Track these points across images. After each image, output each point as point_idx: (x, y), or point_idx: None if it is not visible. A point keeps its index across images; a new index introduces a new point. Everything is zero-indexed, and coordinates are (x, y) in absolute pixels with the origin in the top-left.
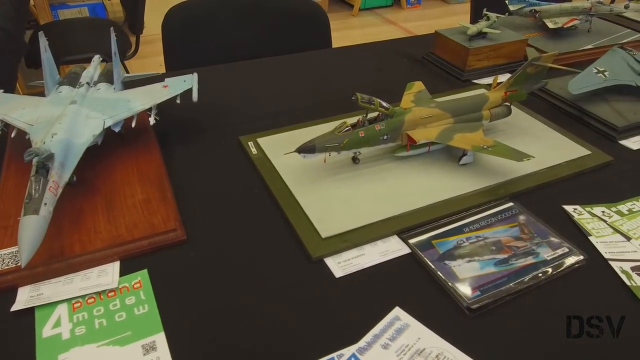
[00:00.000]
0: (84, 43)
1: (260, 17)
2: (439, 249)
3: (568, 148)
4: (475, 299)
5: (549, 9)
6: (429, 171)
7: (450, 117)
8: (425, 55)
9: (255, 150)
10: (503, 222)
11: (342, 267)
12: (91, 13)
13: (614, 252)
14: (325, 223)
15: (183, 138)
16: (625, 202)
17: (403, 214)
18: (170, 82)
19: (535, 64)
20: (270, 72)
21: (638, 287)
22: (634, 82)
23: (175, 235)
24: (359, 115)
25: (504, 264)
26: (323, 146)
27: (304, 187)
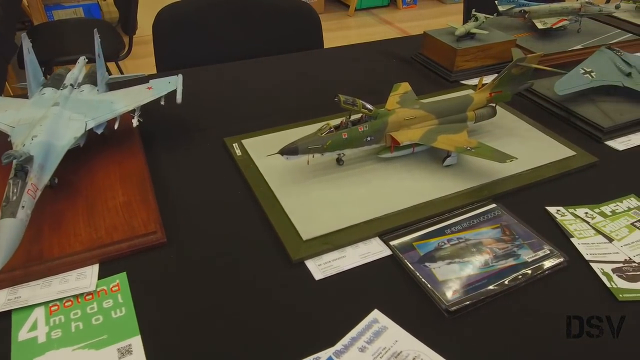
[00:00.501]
0: (77, 44)
1: (252, 18)
2: (419, 250)
3: (553, 149)
4: (453, 301)
5: (539, 9)
6: (413, 172)
7: (434, 118)
8: (414, 55)
9: (239, 152)
10: (485, 223)
11: (322, 270)
12: (86, 14)
13: (595, 253)
14: (307, 225)
15: (168, 139)
16: (608, 203)
17: (385, 215)
18: (154, 84)
19: (520, 64)
20: (260, 73)
21: (618, 288)
22: (620, 82)
23: (155, 238)
24: (345, 116)
25: (483, 266)
26: (306, 148)
27: (287, 188)
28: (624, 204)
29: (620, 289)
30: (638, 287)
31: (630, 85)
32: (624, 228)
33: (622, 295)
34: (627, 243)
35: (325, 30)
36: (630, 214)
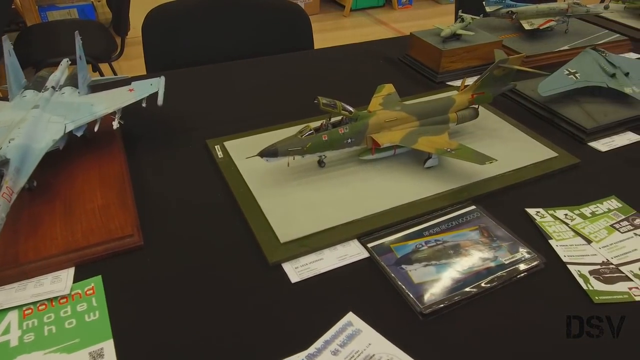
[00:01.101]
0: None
1: (241, 19)
2: (396, 253)
3: (535, 150)
4: (428, 304)
5: (526, 10)
6: (394, 174)
7: (415, 120)
8: (402, 57)
9: (221, 154)
10: (464, 225)
11: (299, 272)
12: (80, 14)
13: (573, 255)
14: (286, 228)
15: (151, 141)
16: (588, 204)
17: (365, 217)
18: (136, 86)
19: (502, 66)
20: (247, 74)
21: (594, 290)
22: (604, 83)
23: (132, 241)
24: (325, 118)
25: (460, 268)
26: (285, 150)
27: (267, 191)
28: (604, 206)
29: (597, 291)
30: (614, 289)
31: (614, 86)
32: (603, 230)
33: (597, 297)
34: (605, 245)
35: (321, 31)
36: (610, 216)
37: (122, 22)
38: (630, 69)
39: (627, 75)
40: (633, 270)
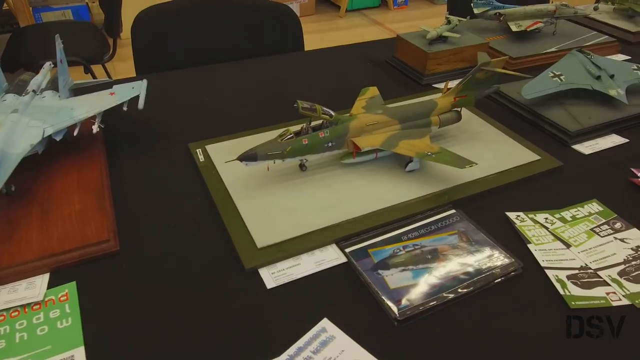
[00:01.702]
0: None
1: (231, 21)
2: (374, 257)
3: (518, 153)
4: (403, 310)
5: (514, 12)
6: (375, 178)
7: (397, 123)
8: (389, 59)
9: (202, 158)
10: (443, 229)
11: (275, 278)
12: (75, 15)
13: (551, 260)
14: (263, 233)
15: (133, 145)
16: (569, 208)
17: (344, 222)
18: (117, 89)
19: (484, 69)
20: (233, 76)
21: (571, 296)
22: (589, 85)
23: (108, 246)
24: (305, 122)
25: (437, 273)
26: (265, 154)
27: (247, 195)
28: (585, 209)
29: (574, 296)
30: (591, 295)
31: (599, 88)
32: (583, 234)
33: (574, 302)
34: (584, 249)
35: (316, 32)
36: (590, 220)
37: (114, 23)
38: (615, 71)
39: (613, 78)
40: (611, 274)
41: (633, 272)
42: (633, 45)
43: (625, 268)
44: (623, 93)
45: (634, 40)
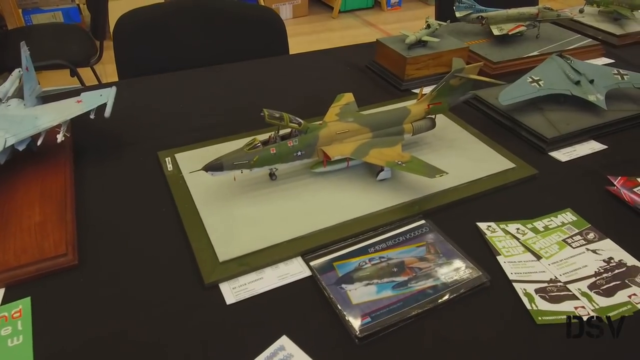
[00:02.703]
0: (48, 50)
1: (214, 24)
2: (338, 271)
3: (493, 161)
4: (364, 326)
5: (496, 15)
6: (346, 187)
7: (369, 131)
8: (369, 63)
9: (170, 167)
10: (411, 241)
11: (235, 293)
12: (65, 17)
13: (520, 272)
14: (227, 245)
15: (103, 153)
16: (542, 218)
17: (311, 233)
18: (85, 97)
19: (457, 75)
20: (209, 82)
21: (538, 310)
22: (568, 91)
23: (66, 260)
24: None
25: (402, 287)
26: (231, 164)
27: (213, 206)
28: (558, 219)
29: (540, 311)
30: (559, 309)
31: (578, 93)
32: (555, 245)
33: (540, 317)
34: (555, 261)
35: (309, 33)
36: (563, 230)
37: (100, 26)
38: (595, 76)
39: (592, 83)
40: (581, 288)
41: (604, 285)
42: (617, 48)
43: (596, 281)
44: (602, 98)
45: (618, 43)
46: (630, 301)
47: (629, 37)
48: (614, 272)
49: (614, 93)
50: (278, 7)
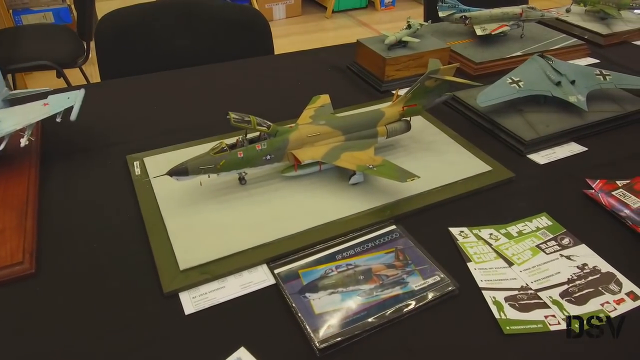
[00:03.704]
0: (36, 50)
1: (198, 25)
2: (303, 279)
3: (469, 164)
4: (325, 337)
5: (479, 15)
6: (318, 192)
7: (341, 134)
8: (350, 64)
9: (138, 171)
10: (380, 247)
11: (195, 303)
12: (56, 18)
13: (490, 280)
14: (189, 253)
15: (71, 157)
16: (516, 222)
17: (277, 240)
18: (52, 100)
19: (432, 77)
20: (188, 83)
21: (507, 320)
22: (549, 92)
23: (21, 269)
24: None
25: (367, 295)
26: (197, 168)
27: (179, 211)
28: (533, 224)
29: (509, 321)
30: (529, 318)
31: (559, 95)
32: (528, 251)
33: (509, 327)
34: (527, 267)
35: (303, 33)
36: (537, 235)
37: (87, 26)
38: (577, 77)
39: (573, 84)
40: (552, 296)
41: (576, 292)
42: (603, 48)
43: (569, 288)
44: (583, 99)
45: (604, 43)
46: (603, 309)
47: (615, 37)
48: (587, 279)
49: (596, 94)
50: (271, 6)
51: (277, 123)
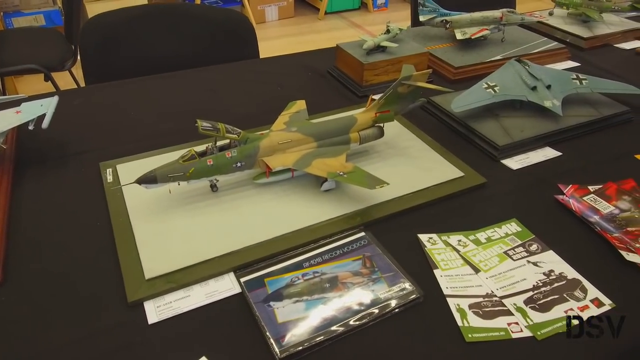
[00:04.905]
0: (22, 54)
1: (182, 29)
2: (269, 287)
3: (442, 170)
4: (286, 347)
5: (460, 19)
6: (289, 198)
7: (313, 141)
8: (330, 69)
9: (110, 178)
10: (348, 255)
11: (159, 312)
12: (47, 20)
13: (456, 287)
14: (155, 261)
15: (45, 165)
16: (485, 229)
17: (246, 248)
18: (25, 107)
19: (405, 83)
20: (167, 89)
21: (469, 327)
22: (524, 96)
23: None
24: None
25: (331, 303)
26: (166, 176)
27: (148, 219)
28: (502, 230)
29: (471, 328)
30: (492, 326)
31: (534, 99)
32: (495, 257)
33: (471, 335)
34: (493, 274)
35: (295, 35)
36: (505, 241)
37: (74, 29)
38: (553, 81)
39: (549, 88)
40: (516, 303)
41: (540, 299)
42: (584, 51)
43: (533, 295)
44: (559, 104)
45: (585, 46)
46: (566, 317)
47: (597, 40)
48: (553, 285)
49: (573, 98)
50: (264, 8)
51: (252, 129)
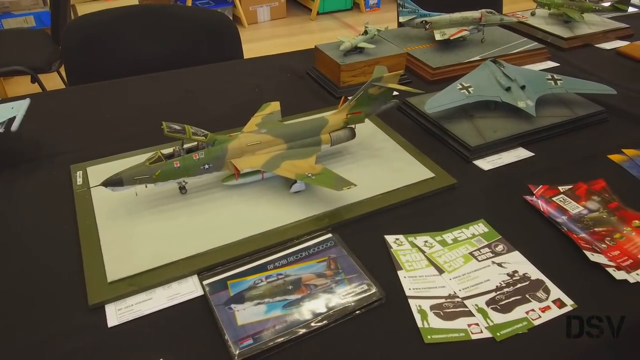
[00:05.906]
0: (9, 56)
1: (166, 31)
2: (231, 290)
3: (413, 171)
4: (244, 349)
5: (439, 19)
6: (258, 200)
7: (283, 142)
8: (309, 70)
9: (80, 181)
10: (313, 256)
11: (119, 315)
12: (37, 22)
13: (419, 288)
14: (119, 264)
15: (16, 167)
16: (452, 230)
17: (210, 250)
18: None
19: (376, 84)
20: (144, 90)
21: (429, 329)
22: (498, 97)
23: None
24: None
25: (293, 305)
26: (132, 179)
27: (114, 222)
28: (469, 231)
29: (431, 329)
30: (451, 327)
31: (508, 100)
32: (460, 258)
33: (430, 336)
34: (457, 275)
35: (287, 35)
36: (472, 242)
37: (60, 31)
38: (528, 82)
39: (524, 89)
40: (478, 304)
41: (502, 300)
42: (565, 51)
43: (496, 296)
44: (532, 105)
45: (566, 46)
46: (527, 317)
47: (577, 40)
48: (515, 286)
49: (548, 98)
50: (255, 8)
51: (225, 131)
